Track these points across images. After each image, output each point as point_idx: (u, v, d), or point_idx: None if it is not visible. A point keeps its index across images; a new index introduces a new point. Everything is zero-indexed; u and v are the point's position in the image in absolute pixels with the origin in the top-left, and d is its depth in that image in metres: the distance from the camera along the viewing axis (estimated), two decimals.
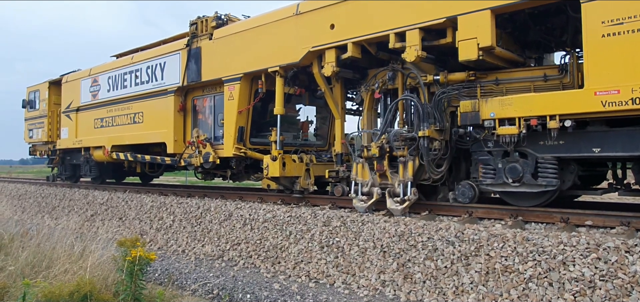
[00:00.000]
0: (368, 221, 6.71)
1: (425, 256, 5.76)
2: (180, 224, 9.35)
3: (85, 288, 4.50)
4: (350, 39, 7.79)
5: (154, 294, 4.87)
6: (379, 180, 7.63)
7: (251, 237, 7.80)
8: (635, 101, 5.29)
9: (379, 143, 7.52)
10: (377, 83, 8.11)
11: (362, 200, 7.57)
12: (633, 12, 5.31)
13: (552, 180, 6.21)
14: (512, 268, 5.09)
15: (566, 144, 6.12)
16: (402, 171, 7.31)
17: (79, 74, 14.74)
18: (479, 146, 6.85)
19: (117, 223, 10.77)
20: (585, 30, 5.63)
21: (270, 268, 7.03)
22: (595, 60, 5.58)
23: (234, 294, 6.32)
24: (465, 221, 6.38)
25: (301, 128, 11.54)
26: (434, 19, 6.88)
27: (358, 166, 7.81)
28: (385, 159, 7.51)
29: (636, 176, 6.05)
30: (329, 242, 6.77)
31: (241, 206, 8.79)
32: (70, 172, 15.98)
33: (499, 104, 6.35)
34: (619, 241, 4.78)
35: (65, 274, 5.50)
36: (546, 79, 6.70)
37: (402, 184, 7.27)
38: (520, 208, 6.48)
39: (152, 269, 7.44)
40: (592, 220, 5.82)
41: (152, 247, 9.12)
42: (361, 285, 5.99)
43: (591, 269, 4.67)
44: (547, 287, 4.78)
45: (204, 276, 7.08)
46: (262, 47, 9.26)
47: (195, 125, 11.10)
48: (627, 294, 4.38)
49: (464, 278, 5.32)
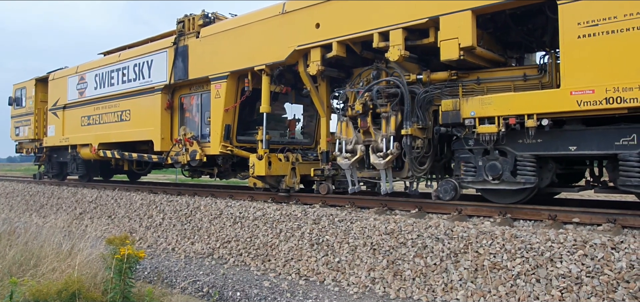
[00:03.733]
0: (358, 218, 6.77)
1: (414, 253, 5.80)
2: (170, 222, 9.34)
3: (74, 286, 4.45)
4: (335, 38, 7.88)
5: (143, 292, 4.83)
6: (362, 137, 7.81)
7: (241, 235, 7.82)
8: (609, 101, 5.43)
9: (363, 100, 7.67)
10: (362, 82, 8.20)
11: (346, 157, 7.75)
12: (608, 13, 5.45)
13: (531, 178, 6.34)
14: (501, 265, 5.15)
15: (544, 143, 6.25)
16: (385, 125, 7.48)
17: (66, 72, 14.67)
18: (460, 144, 6.97)
19: (106, 221, 10.73)
20: (562, 31, 5.77)
21: (261, 266, 7.04)
22: (571, 61, 5.71)
23: (223, 292, 6.34)
24: (455, 219, 6.44)
25: (288, 126, 11.62)
26: (416, 19, 6.99)
27: (342, 125, 8.00)
28: (368, 116, 7.67)
29: (610, 173, 6.20)
30: (319, 239, 6.81)
31: (231, 204, 8.80)
32: (57, 170, 15.90)
33: (479, 103, 6.47)
34: (606, 237, 4.85)
35: (53, 272, 5.44)
36: (526, 79, 6.85)
37: (384, 139, 7.43)
38: (509, 205, 6.55)
39: (142, 267, 7.42)
40: (579, 217, 5.91)
41: (142, 245, 9.08)
42: (351, 282, 6.03)
43: (578, 265, 4.73)
44: (534, 283, 4.84)
45: (193, 273, 7.08)
46: (248, 46, 9.31)
47: (183, 123, 11.13)
48: (613, 290, 4.45)
49: (453, 275, 5.37)
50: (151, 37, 12.40)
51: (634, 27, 5.28)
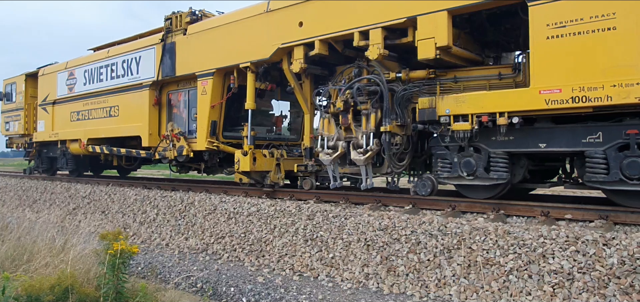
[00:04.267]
0: (352, 214, 6.81)
1: (408, 249, 5.85)
2: (164, 217, 9.38)
3: (67, 281, 4.42)
4: (317, 37, 8.04)
5: (137, 287, 4.79)
6: (344, 134, 8.00)
7: (235, 230, 7.85)
8: (575, 100, 5.64)
9: (344, 97, 7.85)
10: (344, 79, 8.38)
11: (328, 153, 7.94)
12: (575, 15, 5.65)
13: (503, 174, 6.55)
14: (493, 261, 5.19)
15: (516, 140, 6.46)
16: (365, 122, 7.66)
17: (56, 67, 14.76)
18: (436, 141, 7.17)
19: (99, 217, 10.78)
20: (532, 32, 5.97)
21: (255, 261, 7.08)
22: (540, 61, 5.91)
23: (217, 287, 6.36)
24: (448, 215, 6.51)
25: (275, 123, 11.78)
26: (395, 18, 7.16)
27: (324, 121, 8.18)
28: (349, 113, 7.87)
29: (578, 170, 6.42)
30: (313, 235, 6.85)
31: (226, 199, 8.84)
32: (47, 165, 16.00)
33: (454, 101, 6.67)
34: (598, 234, 4.91)
35: (46, 267, 5.42)
36: (501, 78, 7.04)
37: (365, 136, 7.61)
38: (502, 202, 6.63)
39: (135, 263, 7.45)
40: (571, 214, 5.97)
41: (135, 240, 9.14)
42: (345, 278, 6.07)
43: (570, 261, 4.77)
44: (527, 279, 4.89)
45: (187, 269, 7.10)
46: (234, 43, 9.46)
47: (170, 119, 11.26)
48: (604, 286, 4.49)
49: (446, 271, 5.43)
50: (139, 34, 12.51)
51: (599, 29, 5.49)
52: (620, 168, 5.69)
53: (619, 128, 5.73)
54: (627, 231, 5.41)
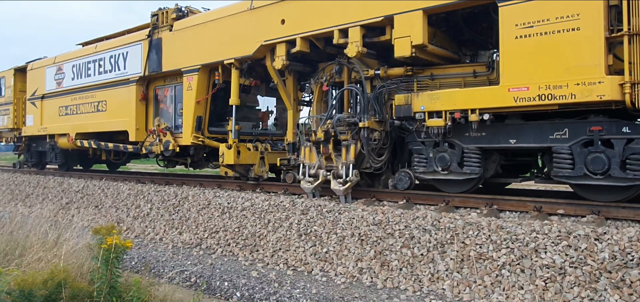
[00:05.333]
0: (346, 209, 6.87)
1: (402, 243, 5.89)
2: (157, 212, 9.41)
3: (59, 276, 4.37)
4: (299, 34, 8.21)
5: (130, 282, 4.74)
6: (325, 162, 8.12)
7: (229, 225, 7.87)
8: (541, 98, 5.85)
9: (325, 128, 8.00)
10: (325, 76, 8.57)
11: (309, 181, 8.07)
12: (542, 16, 5.85)
13: (476, 168, 6.77)
14: (486, 255, 5.24)
15: (488, 136, 6.67)
16: (345, 153, 7.79)
17: (44, 62, 14.83)
18: (413, 137, 7.37)
19: (93, 211, 10.79)
20: (502, 31, 6.17)
21: (249, 256, 7.11)
22: (509, 59, 6.12)
23: (211, 282, 6.37)
24: (442, 210, 6.57)
25: (261, 118, 11.96)
26: (373, 17, 7.35)
27: (306, 150, 8.30)
28: (330, 143, 8.01)
29: (547, 164, 6.65)
30: (307, 230, 6.89)
31: (220, 194, 8.87)
32: (36, 159, 16.09)
33: (428, 98, 6.87)
34: (589, 228, 4.97)
35: (39, 262, 5.38)
36: (476, 76, 7.25)
37: (344, 166, 7.76)
38: (495, 197, 6.68)
39: (129, 258, 7.47)
40: (564, 209, 6.04)
41: (129, 235, 9.14)
42: (339, 272, 6.09)
43: (562, 256, 4.82)
44: (519, 273, 4.93)
45: (181, 263, 7.11)
46: (218, 40, 9.62)
47: (157, 114, 11.40)
48: (596, 280, 4.55)
49: (439, 265, 5.47)
50: (127, 29, 12.63)
51: (564, 29, 5.70)
52: (585, 163, 5.92)
53: (583, 125, 5.95)
54: (619, 225, 5.51)
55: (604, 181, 5.83)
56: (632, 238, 4.72)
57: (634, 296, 4.37)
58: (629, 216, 5.68)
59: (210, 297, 6.20)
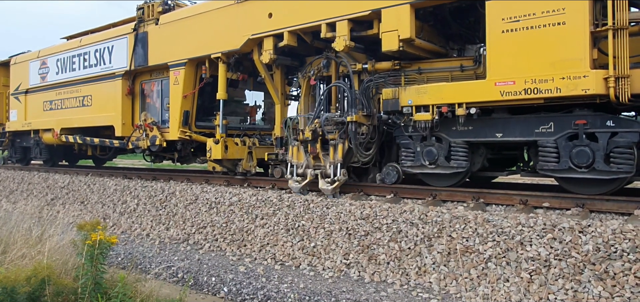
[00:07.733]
0: (333, 203, 6.87)
1: (389, 237, 5.91)
2: (144, 207, 9.34)
3: (43, 273, 4.32)
4: (286, 28, 8.16)
5: (116, 278, 4.68)
6: (312, 162, 8.08)
7: (217, 220, 7.84)
8: (527, 92, 5.89)
9: (312, 127, 7.97)
10: (313, 70, 8.53)
11: (297, 180, 8.03)
12: (528, 10, 5.88)
13: (462, 162, 6.80)
14: (473, 248, 5.28)
15: (474, 130, 6.71)
16: (333, 153, 7.78)
17: (28, 56, 14.59)
18: (400, 131, 7.38)
19: (78, 207, 10.68)
20: (488, 26, 6.20)
21: (236, 251, 7.08)
22: (496, 54, 6.15)
23: (198, 277, 6.35)
24: (429, 204, 6.60)
25: (249, 113, 11.89)
26: (361, 11, 7.33)
27: (294, 149, 8.25)
28: (317, 142, 7.97)
29: (533, 158, 6.70)
30: (295, 225, 6.88)
31: (207, 189, 8.83)
32: (21, 154, 15.85)
33: (415, 92, 6.88)
34: (574, 221, 5.03)
35: (23, 258, 5.33)
36: (463, 70, 7.28)
37: (332, 166, 7.74)
38: (482, 191, 6.70)
39: (115, 253, 7.41)
40: (549, 202, 6.10)
41: (115, 231, 9.08)
42: (326, 267, 6.09)
43: (547, 248, 4.88)
44: (505, 266, 4.97)
45: (168, 259, 7.08)
46: (205, 34, 9.53)
47: (144, 109, 11.28)
48: (580, 272, 4.61)
49: (426, 259, 5.50)
50: (113, 23, 12.45)
51: (549, 23, 5.73)
52: (570, 157, 5.97)
53: (568, 119, 6.01)
54: (603, 218, 5.59)
55: (588, 174, 5.89)
56: (615, 230, 4.78)
57: (617, 287, 4.43)
58: (613, 208, 5.75)
59: (198, 293, 6.17)
